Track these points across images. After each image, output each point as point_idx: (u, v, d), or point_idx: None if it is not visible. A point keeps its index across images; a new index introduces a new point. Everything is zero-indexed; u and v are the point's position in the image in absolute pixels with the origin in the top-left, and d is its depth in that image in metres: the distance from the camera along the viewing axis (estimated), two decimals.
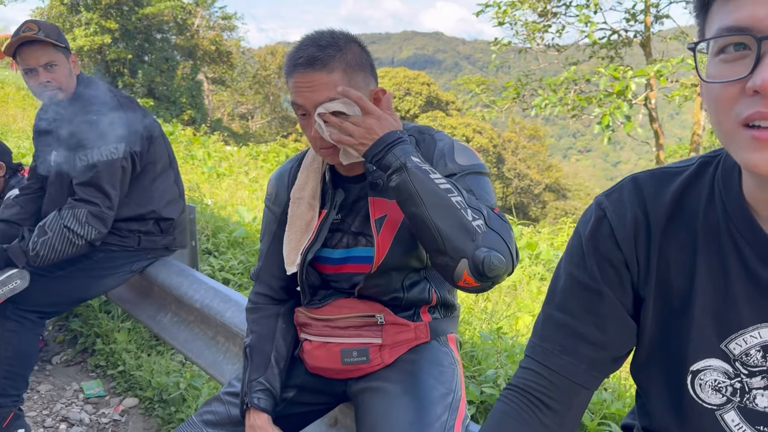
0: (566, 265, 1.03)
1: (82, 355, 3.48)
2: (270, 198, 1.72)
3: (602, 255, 0.97)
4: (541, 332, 1.04)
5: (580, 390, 1.00)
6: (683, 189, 0.94)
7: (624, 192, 0.98)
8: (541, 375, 1.01)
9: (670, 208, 0.94)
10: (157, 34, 32.60)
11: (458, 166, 1.47)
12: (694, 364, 0.93)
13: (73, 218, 2.47)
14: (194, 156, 9.43)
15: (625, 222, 0.96)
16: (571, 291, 1.00)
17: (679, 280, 0.93)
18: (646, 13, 14.21)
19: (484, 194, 1.44)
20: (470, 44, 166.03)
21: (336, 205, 1.58)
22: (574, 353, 0.99)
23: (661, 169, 0.99)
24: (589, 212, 1.01)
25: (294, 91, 1.43)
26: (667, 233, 0.94)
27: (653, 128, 14.42)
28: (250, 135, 37.56)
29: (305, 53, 1.40)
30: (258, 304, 1.71)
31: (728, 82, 0.76)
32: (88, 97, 2.61)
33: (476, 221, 1.30)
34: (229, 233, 4.66)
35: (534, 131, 41.93)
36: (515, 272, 4.99)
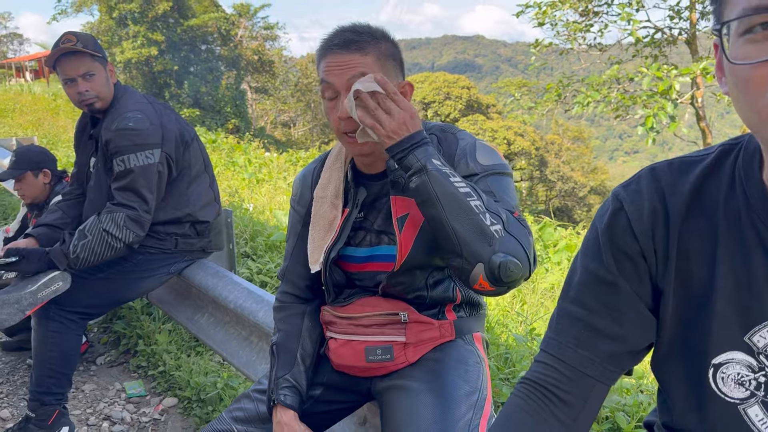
0: (582, 258, 1.01)
1: (124, 356, 3.57)
2: (295, 198, 1.74)
3: (619, 247, 0.95)
4: (557, 326, 1.01)
5: (595, 384, 0.98)
6: (703, 178, 0.92)
7: (641, 183, 0.96)
8: (556, 369, 0.99)
9: (689, 198, 0.91)
10: (202, 45, 33.39)
11: (480, 166, 1.45)
12: (715, 357, 0.90)
13: (111, 222, 2.55)
14: (235, 162, 9.61)
15: (642, 213, 0.93)
16: (586, 285, 0.98)
17: (700, 272, 0.91)
18: (691, 9, 13.84)
19: (505, 196, 1.42)
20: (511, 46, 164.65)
21: (358, 203, 1.58)
22: (590, 347, 0.97)
23: (680, 159, 0.97)
24: (606, 204, 0.99)
25: (326, 71, 1.44)
26: (687, 224, 0.91)
27: (700, 127, 14.02)
28: (292, 142, 38.03)
29: (340, 37, 1.44)
30: (284, 303, 1.74)
31: (760, 62, 0.74)
32: (125, 105, 2.69)
33: (494, 226, 1.29)
34: (267, 237, 4.73)
35: (578, 133, 41.27)
36: (554, 274, 4.92)
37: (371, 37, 1.44)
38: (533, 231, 5.90)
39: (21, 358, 3.56)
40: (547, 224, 6.10)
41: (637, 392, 2.44)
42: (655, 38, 14.36)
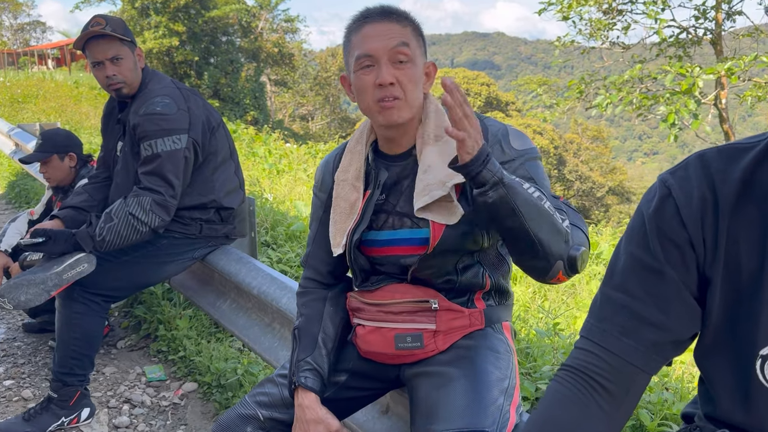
0: (627, 244, 0.99)
1: (145, 341, 3.60)
2: (317, 185, 1.74)
3: (666, 234, 0.94)
4: (599, 313, 1.00)
5: (638, 373, 0.97)
6: (754, 166, 0.90)
7: (690, 169, 0.94)
8: (600, 357, 0.97)
9: (739, 185, 0.90)
10: (223, 37, 33.47)
11: (515, 152, 1.47)
12: (764, 348, 0.88)
13: (137, 206, 2.56)
14: (255, 153, 9.63)
15: (691, 200, 0.92)
16: (632, 271, 0.97)
17: (750, 262, 0.89)
18: (718, 9, 13.65)
19: (544, 182, 1.46)
20: (532, 44, 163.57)
21: (380, 184, 1.58)
22: (635, 336, 0.95)
23: (730, 145, 0.95)
24: (653, 190, 0.98)
25: (363, 41, 1.46)
26: (737, 212, 0.90)
27: (723, 129, 13.82)
28: (310, 135, 38.09)
29: (377, 9, 1.48)
30: (307, 288, 1.74)
31: None
32: (153, 90, 2.70)
33: (565, 222, 1.34)
34: (287, 227, 4.74)
35: (597, 132, 40.93)
36: None
37: (405, 14, 1.50)
38: None
39: (43, 340, 3.60)
40: None
41: (661, 389, 2.41)
42: (680, 38, 14.19)
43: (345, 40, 1.53)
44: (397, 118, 1.47)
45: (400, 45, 1.44)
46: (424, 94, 1.55)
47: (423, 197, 1.47)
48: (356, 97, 1.52)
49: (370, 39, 1.45)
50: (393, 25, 1.46)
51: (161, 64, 30.75)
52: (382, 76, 1.43)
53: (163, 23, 29.88)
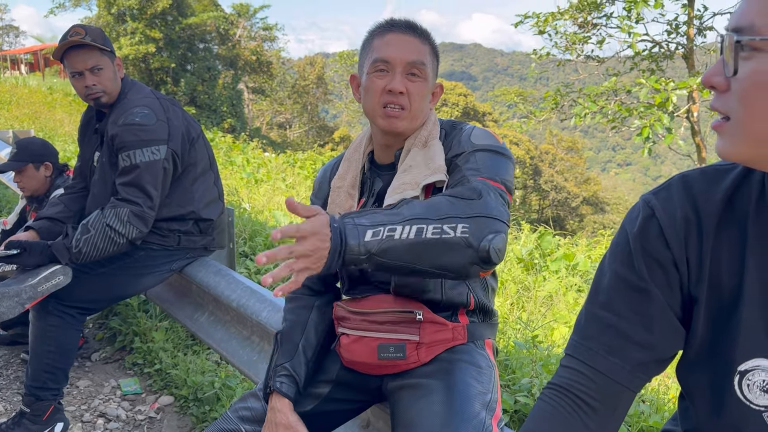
0: (611, 262, 1.00)
1: (120, 353, 3.54)
2: (314, 193, 1.77)
3: (650, 254, 0.95)
4: (585, 331, 1.01)
5: (624, 391, 0.97)
6: (735, 187, 0.92)
7: (673, 190, 0.96)
8: (586, 375, 0.98)
9: (721, 206, 0.92)
10: (200, 44, 33.31)
11: (471, 145, 1.49)
12: (742, 365, 0.90)
13: (115, 217, 2.53)
14: (233, 162, 9.59)
15: (675, 221, 0.94)
16: (617, 290, 0.98)
17: (730, 280, 0.91)
18: (689, 25, 13.93)
19: (490, 168, 1.43)
20: (508, 56, 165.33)
21: (374, 193, 1.60)
22: (621, 355, 0.96)
23: (712, 167, 0.97)
24: (636, 210, 0.99)
25: (383, 47, 1.51)
26: (719, 232, 0.92)
27: (695, 142, 14.09)
28: (288, 144, 37.99)
29: (404, 21, 1.54)
30: (296, 293, 1.75)
31: None
32: (132, 100, 2.67)
33: (458, 229, 1.27)
34: (266, 237, 4.72)
35: (572, 143, 41.42)
36: (552, 283, 4.93)
37: (428, 33, 1.56)
38: (531, 240, 5.91)
39: (14, 353, 3.53)
40: (546, 233, 6.12)
41: (638, 402, 2.44)
42: (653, 52, 14.45)
43: (365, 42, 1.58)
44: (399, 127, 1.52)
45: (418, 62, 1.51)
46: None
47: (395, 195, 1.50)
48: (363, 97, 1.57)
49: (391, 47, 1.51)
50: (415, 41, 1.53)
51: (137, 70, 30.48)
52: (394, 84, 1.49)
53: (139, 29, 29.66)
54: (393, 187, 1.52)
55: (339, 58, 44.42)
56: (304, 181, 9.30)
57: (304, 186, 8.62)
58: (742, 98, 0.82)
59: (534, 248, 5.70)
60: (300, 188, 8.32)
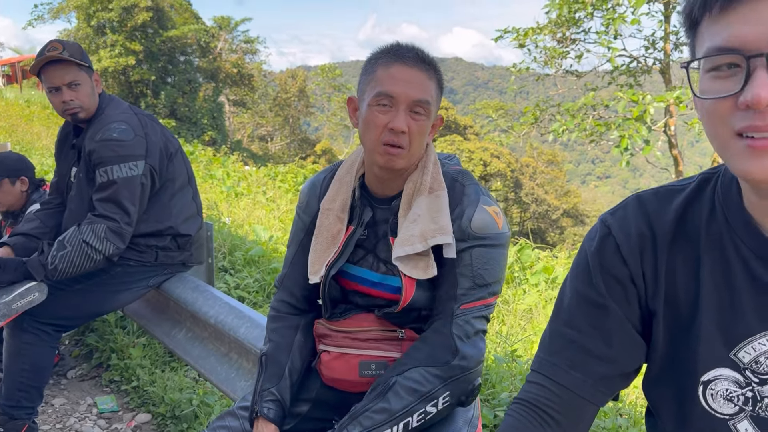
0: (572, 281, 1.04)
1: (96, 370, 3.50)
2: (301, 206, 1.72)
3: (608, 271, 0.99)
4: (549, 347, 1.04)
5: (587, 405, 1.01)
6: (686, 205, 0.97)
7: (628, 209, 1.01)
8: (550, 390, 1.01)
9: (674, 223, 0.96)
10: (181, 57, 33.20)
11: (471, 234, 1.47)
12: (704, 375, 0.93)
13: (92, 233, 2.51)
14: (213, 175, 9.54)
15: (630, 238, 0.98)
16: (577, 307, 1.02)
17: (686, 294, 0.95)
18: (666, 40, 14.21)
19: (481, 274, 1.47)
20: (489, 70, 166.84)
21: (363, 222, 1.58)
22: (583, 369, 1.00)
23: (664, 187, 1.02)
24: (594, 230, 1.03)
25: (389, 80, 1.43)
26: (673, 248, 0.96)
27: (673, 155, 14.33)
28: (269, 156, 37.90)
29: (412, 51, 1.46)
30: (280, 312, 1.72)
31: (721, 98, 0.80)
32: (110, 115, 2.66)
33: (439, 402, 1.44)
34: (246, 252, 4.69)
35: (552, 157, 41.81)
36: (531, 296, 4.96)
37: (435, 65, 1.48)
38: (511, 253, 5.94)
39: None
40: (526, 246, 6.16)
41: (615, 415, 2.46)
42: (631, 67, 14.69)
43: (369, 66, 1.49)
44: (397, 165, 1.47)
45: (423, 101, 1.44)
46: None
47: (404, 247, 1.48)
48: (361, 128, 1.50)
49: (397, 82, 1.43)
50: (422, 76, 1.44)
51: (117, 82, 30.29)
52: (396, 123, 1.42)
53: (119, 42, 29.50)
54: (402, 238, 1.49)
55: (321, 71, 44.48)
56: (285, 194, 9.28)
57: (285, 199, 8.59)
58: None
59: (514, 261, 5.74)
60: (281, 201, 8.30)
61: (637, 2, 11.44)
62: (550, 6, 13.58)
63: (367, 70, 1.49)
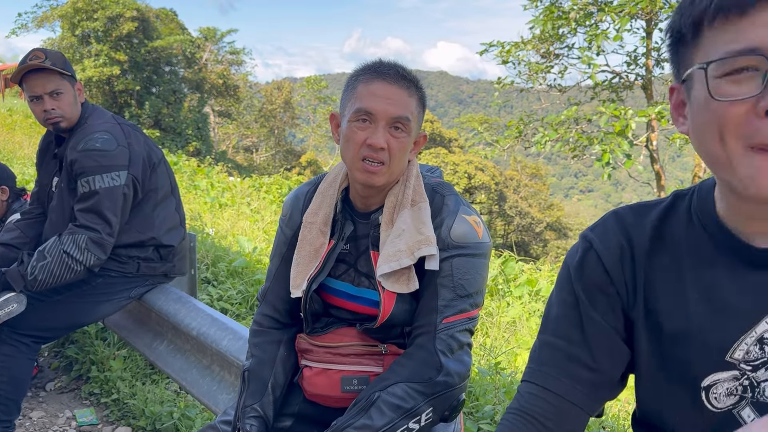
0: (558, 294, 1.08)
1: (76, 383, 3.45)
2: (284, 219, 1.71)
3: (592, 282, 1.03)
4: (539, 357, 1.07)
5: (578, 411, 1.03)
6: (662, 218, 1.01)
7: (608, 224, 1.05)
8: (542, 398, 1.03)
9: (651, 234, 1.00)
10: (166, 67, 33.06)
11: (451, 243, 1.47)
12: (703, 381, 0.95)
13: (72, 244, 2.48)
14: (197, 186, 9.49)
15: (610, 249, 1.02)
16: (564, 318, 1.05)
17: (668, 304, 0.97)
18: (648, 56, 14.38)
19: (462, 285, 1.46)
20: (474, 84, 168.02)
21: (344, 237, 1.58)
22: (573, 376, 1.03)
23: (639, 203, 1.06)
24: (576, 246, 1.08)
25: (368, 97, 1.43)
26: (651, 259, 0.99)
27: (655, 169, 14.47)
28: (254, 167, 37.78)
29: (393, 68, 1.45)
30: (262, 326, 1.70)
31: (740, 100, 0.79)
32: (92, 125, 2.64)
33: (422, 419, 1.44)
34: (229, 263, 4.66)
35: (535, 170, 42.08)
36: (515, 308, 4.97)
37: (417, 82, 1.48)
38: (495, 266, 5.96)
39: None
40: (510, 258, 6.18)
41: (599, 428, 2.47)
42: (613, 82, 14.85)
43: (350, 83, 1.49)
44: (377, 182, 1.47)
45: (403, 118, 1.44)
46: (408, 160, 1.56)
47: (390, 263, 1.47)
48: (341, 145, 1.50)
49: (377, 99, 1.42)
50: (403, 93, 1.44)
51: (101, 92, 30.09)
52: (376, 139, 1.42)
53: (104, 52, 29.32)
54: (388, 253, 1.48)
55: (306, 83, 44.52)
56: (270, 205, 9.25)
57: (270, 210, 8.56)
58: None
59: (498, 274, 5.75)
60: (265, 213, 8.26)
61: (621, 20, 11.58)
62: (534, 22, 13.71)
63: (349, 87, 1.49)
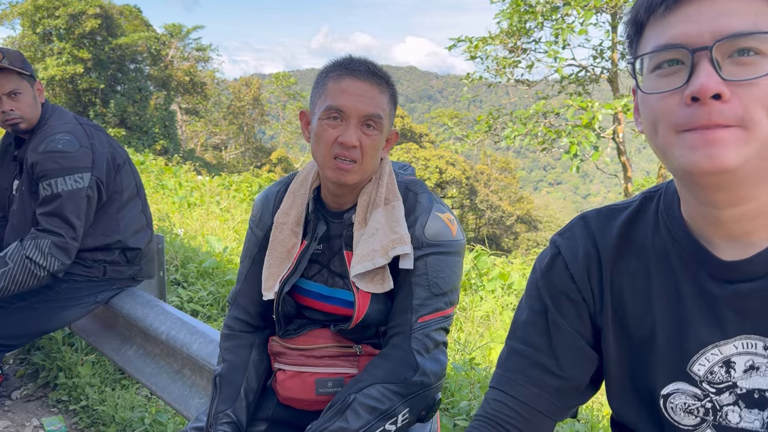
0: (527, 300, 1.08)
1: (43, 390, 3.36)
2: (254, 220, 1.67)
3: (558, 289, 1.03)
4: (505, 364, 1.07)
5: (544, 419, 1.03)
6: (629, 222, 1.00)
7: (575, 230, 1.05)
8: (508, 405, 1.04)
9: (617, 240, 1.00)
10: (131, 65, 32.52)
11: (425, 241, 1.46)
12: (663, 389, 0.95)
13: (35, 249, 2.41)
14: (165, 185, 9.34)
15: (577, 257, 1.02)
16: (532, 324, 1.05)
17: (636, 309, 0.97)
18: (613, 50, 14.58)
19: (437, 283, 1.45)
20: (443, 78, 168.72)
21: (317, 237, 1.55)
22: (538, 383, 1.03)
23: (607, 207, 1.06)
24: (546, 251, 1.08)
25: (339, 94, 1.40)
26: (618, 264, 0.99)
27: (621, 161, 14.70)
28: (224, 165, 37.41)
29: (364, 65, 1.42)
30: (234, 330, 1.67)
31: (667, 92, 0.82)
32: (53, 126, 2.57)
33: (399, 419, 1.42)
34: (199, 264, 4.59)
35: (505, 164, 42.47)
36: (488, 303, 4.99)
37: (388, 79, 1.46)
38: (468, 260, 5.98)
39: None
40: (482, 253, 6.21)
41: (573, 422, 2.48)
42: (579, 76, 15.03)
43: (320, 81, 1.46)
44: (349, 180, 1.44)
45: (375, 116, 1.41)
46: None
47: (364, 263, 1.45)
48: (312, 143, 1.47)
49: (348, 96, 1.39)
50: (374, 90, 1.41)
51: (64, 91, 29.48)
52: (347, 137, 1.39)
53: (66, 50, 28.72)
54: (362, 253, 1.46)
55: (275, 79, 44.21)
56: (240, 204, 9.14)
57: (240, 209, 8.46)
58: None
59: (471, 268, 5.77)
60: (235, 212, 8.17)
61: (585, 14, 11.72)
62: (501, 15, 13.80)
63: (318, 84, 1.46)
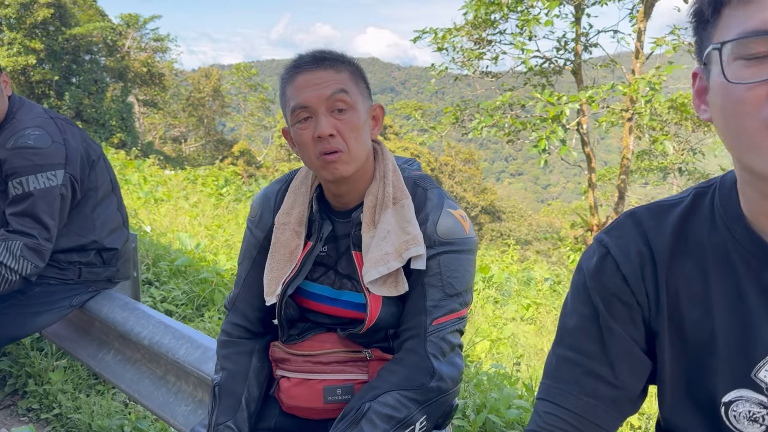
0: (573, 303, 1.01)
1: (11, 398, 3.20)
2: (253, 221, 1.58)
3: (610, 291, 0.96)
4: (555, 373, 1.00)
5: (600, 431, 0.97)
6: (683, 219, 0.94)
7: (624, 228, 0.98)
8: (561, 418, 0.97)
9: (672, 239, 0.94)
10: (86, 56, 31.65)
11: (438, 239, 1.40)
12: (725, 396, 0.90)
13: (6, 252, 2.27)
14: (129, 180, 9.07)
15: (629, 257, 0.95)
16: (582, 330, 0.98)
17: (693, 313, 0.91)
18: (577, 42, 14.72)
19: (450, 283, 1.39)
20: (405, 70, 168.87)
21: (322, 238, 1.48)
22: (594, 393, 0.96)
23: (656, 203, 1.00)
24: (591, 250, 1.00)
25: (297, 92, 1.35)
26: (673, 265, 0.93)
27: (585, 152, 14.88)
28: (184, 158, 36.74)
29: (310, 56, 1.37)
30: (232, 336, 1.58)
31: (757, 82, 0.75)
32: (22, 120, 2.42)
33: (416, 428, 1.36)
34: (171, 262, 4.45)
35: (469, 155, 42.74)
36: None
37: (342, 58, 1.39)
38: None
39: None
40: None
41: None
42: (544, 68, 15.16)
43: (281, 92, 1.42)
44: (343, 172, 1.37)
45: (338, 92, 1.34)
46: (376, 145, 1.48)
47: (378, 267, 1.38)
48: (299, 152, 1.41)
49: (304, 89, 1.34)
50: (327, 72, 1.35)
51: (16, 83, 28.49)
52: (320, 128, 1.33)
53: (17, 40, 27.76)
54: (375, 257, 1.39)
55: (236, 69, 43.53)
56: (209, 198, 8.93)
57: (209, 204, 8.27)
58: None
59: None
60: (205, 206, 7.98)
61: (550, 4, 11.79)
62: (466, 7, 13.80)
63: (281, 95, 1.42)
